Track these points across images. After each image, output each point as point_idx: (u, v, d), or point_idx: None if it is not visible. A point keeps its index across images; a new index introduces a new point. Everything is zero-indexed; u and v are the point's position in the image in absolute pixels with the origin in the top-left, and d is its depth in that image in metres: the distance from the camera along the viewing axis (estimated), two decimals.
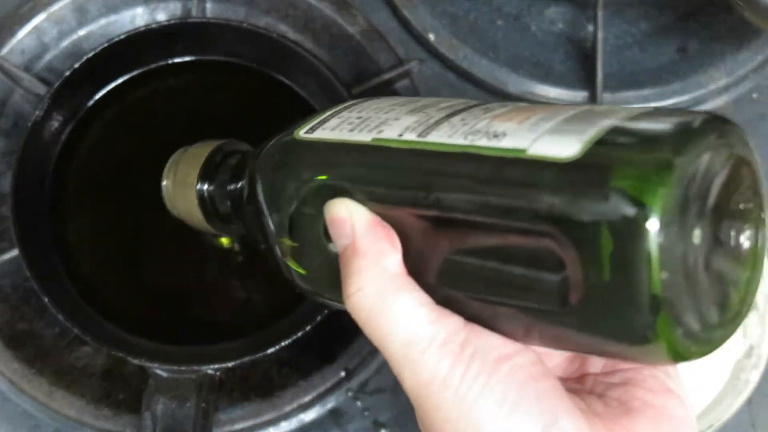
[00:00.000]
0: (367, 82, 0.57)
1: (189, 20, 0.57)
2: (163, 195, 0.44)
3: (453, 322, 0.30)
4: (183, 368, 0.50)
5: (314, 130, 0.34)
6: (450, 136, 0.30)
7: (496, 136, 0.29)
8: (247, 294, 0.56)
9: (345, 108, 0.35)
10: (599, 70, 0.58)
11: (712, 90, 0.59)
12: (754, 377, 0.51)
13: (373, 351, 0.55)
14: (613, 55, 0.59)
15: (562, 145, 0.27)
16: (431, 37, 0.59)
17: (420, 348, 0.29)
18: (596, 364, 0.33)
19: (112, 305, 0.54)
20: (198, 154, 0.43)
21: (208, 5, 0.59)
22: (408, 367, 0.29)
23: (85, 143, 0.57)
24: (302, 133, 0.35)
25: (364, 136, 0.32)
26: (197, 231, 0.49)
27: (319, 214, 0.33)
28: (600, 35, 0.58)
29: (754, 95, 0.60)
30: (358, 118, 0.34)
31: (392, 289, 0.30)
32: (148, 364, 0.50)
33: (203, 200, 0.42)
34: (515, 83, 0.58)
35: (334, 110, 0.36)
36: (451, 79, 0.60)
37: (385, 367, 0.56)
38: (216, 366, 0.50)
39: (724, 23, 0.60)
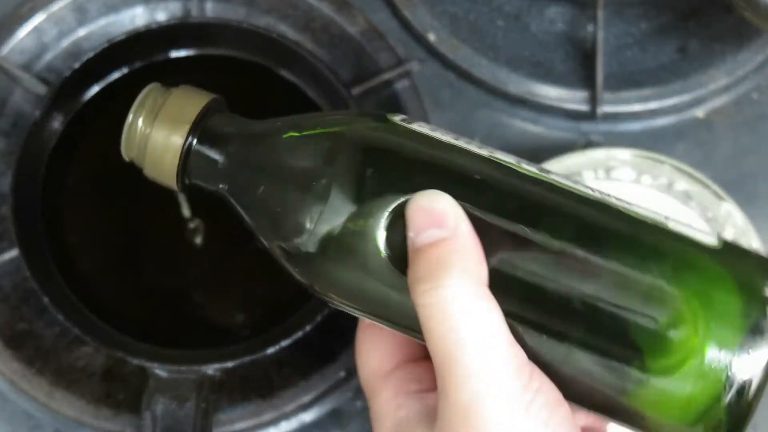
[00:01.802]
0: (367, 82, 0.57)
1: (189, 20, 0.57)
2: (125, 131, 0.38)
3: (522, 353, 0.30)
4: (183, 368, 0.50)
5: (410, 124, 0.34)
6: (573, 184, 0.31)
7: (628, 203, 0.31)
8: (246, 294, 0.56)
9: (423, 125, 0.35)
10: (599, 70, 0.58)
11: (712, 90, 0.59)
12: None
13: None
14: (613, 55, 0.59)
15: (700, 232, 0.30)
16: (431, 37, 0.59)
17: (497, 361, 0.29)
18: None
19: (110, 305, 0.54)
20: (190, 100, 0.38)
21: (208, 5, 0.59)
22: (476, 375, 0.29)
23: (85, 143, 0.57)
24: (398, 120, 0.34)
25: (478, 150, 0.32)
26: (199, 229, 0.49)
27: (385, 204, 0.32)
28: (600, 35, 0.58)
29: (754, 95, 0.60)
30: (455, 137, 0.33)
31: (484, 297, 0.30)
32: (147, 364, 0.50)
33: (187, 156, 0.37)
34: (515, 83, 0.58)
35: (407, 119, 0.35)
36: (451, 79, 0.60)
37: None
38: (216, 366, 0.50)
39: (724, 23, 0.60)
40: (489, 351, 0.29)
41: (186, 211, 0.56)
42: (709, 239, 0.30)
